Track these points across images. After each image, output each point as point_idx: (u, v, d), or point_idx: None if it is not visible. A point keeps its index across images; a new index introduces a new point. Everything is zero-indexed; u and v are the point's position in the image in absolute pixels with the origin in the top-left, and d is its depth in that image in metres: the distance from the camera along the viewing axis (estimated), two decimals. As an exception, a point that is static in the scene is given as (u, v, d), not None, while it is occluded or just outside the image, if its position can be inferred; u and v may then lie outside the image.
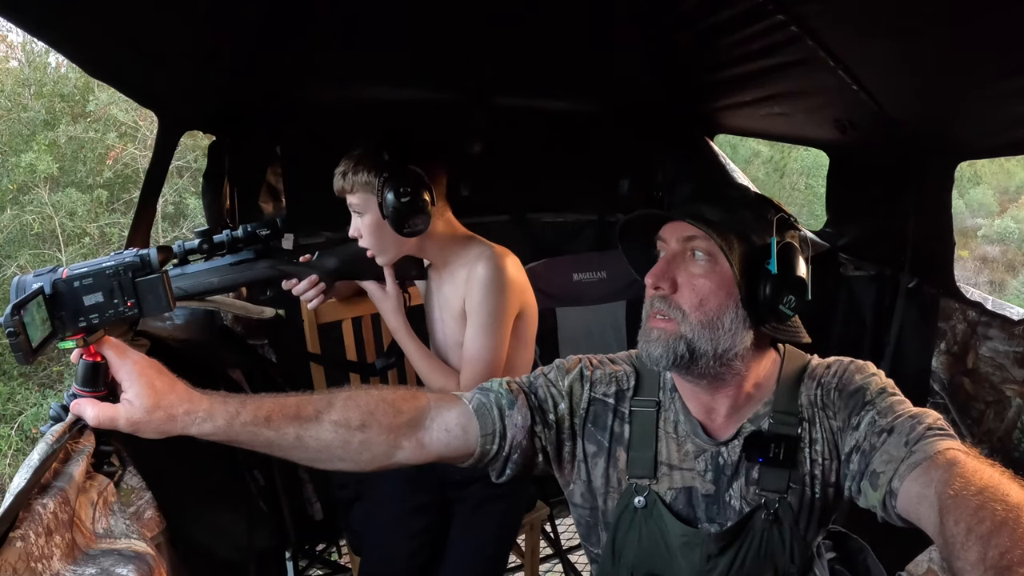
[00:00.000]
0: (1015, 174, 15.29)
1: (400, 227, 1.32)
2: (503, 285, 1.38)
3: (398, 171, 1.31)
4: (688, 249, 0.93)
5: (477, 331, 1.38)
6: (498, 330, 1.39)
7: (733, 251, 0.90)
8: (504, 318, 1.39)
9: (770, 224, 0.91)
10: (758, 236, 0.91)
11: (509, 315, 1.41)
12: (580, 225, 2.37)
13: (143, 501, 0.96)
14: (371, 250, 1.41)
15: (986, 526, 0.65)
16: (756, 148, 12.85)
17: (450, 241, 1.44)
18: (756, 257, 0.90)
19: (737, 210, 0.92)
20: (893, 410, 0.88)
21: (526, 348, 1.49)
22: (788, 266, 0.90)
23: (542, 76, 1.96)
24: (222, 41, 1.49)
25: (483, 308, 1.37)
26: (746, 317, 0.91)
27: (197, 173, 8.89)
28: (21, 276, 0.84)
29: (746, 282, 0.90)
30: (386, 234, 1.36)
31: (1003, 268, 13.32)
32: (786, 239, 0.93)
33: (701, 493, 0.98)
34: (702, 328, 0.91)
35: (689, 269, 0.92)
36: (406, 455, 0.94)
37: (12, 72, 9.22)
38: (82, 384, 0.85)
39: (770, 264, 0.88)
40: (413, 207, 1.30)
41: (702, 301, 0.91)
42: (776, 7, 1.33)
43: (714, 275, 0.91)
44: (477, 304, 1.38)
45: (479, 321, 1.38)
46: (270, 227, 1.35)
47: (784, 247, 0.91)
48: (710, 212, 0.92)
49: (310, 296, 1.44)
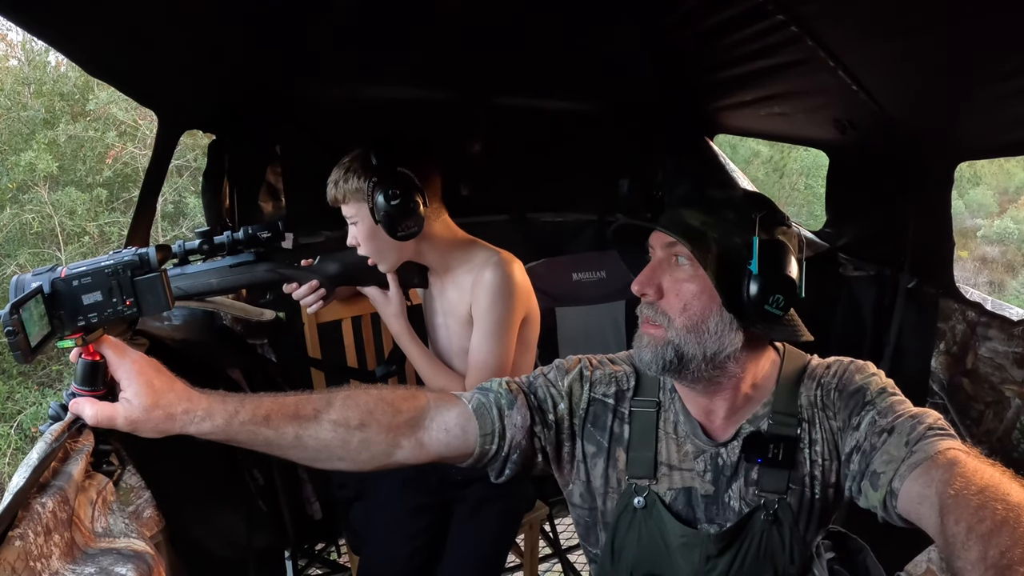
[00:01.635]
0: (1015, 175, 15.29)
1: (394, 231, 1.32)
2: (511, 291, 1.38)
3: (386, 174, 1.30)
4: (671, 255, 0.93)
5: (484, 337, 1.39)
6: (505, 336, 1.39)
7: (709, 255, 0.89)
8: (511, 324, 1.40)
9: (752, 223, 0.89)
10: (740, 236, 0.90)
11: (516, 321, 1.41)
12: (580, 225, 2.36)
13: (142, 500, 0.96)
14: (371, 258, 1.41)
15: (987, 525, 0.65)
16: (756, 148, 12.84)
17: (450, 245, 1.44)
18: (738, 258, 0.89)
19: (719, 211, 0.92)
20: (893, 410, 0.88)
21: (529, 351, 1.50)
22: (773, 265, 0.89)
23: (542, 76, 1.96)
24: (222, 40, 1.49)
25: (491, 315, 1.38)
26: (732, 319, 0.91)
27: (197, 172, 8.88)
28: (20, 275, 0.84)
29: (727, 284, 0.89)
30: (382, 240, 1.35)
31: (1002, 268, 13.33)
32: (775, 237, 0.91)
33: (700, 494, 0.98)
34: (688, 332, 0.91)
35: (674, 275, 0.93)
36: (405, 455, 0.93)
37: (12, 71, 9.21)
38: (81, 383, 0.85)
39: (751, 264, 0.88)
40: (404, 210, 1.30)
41: (686, 306, 0.91)
42: (776, 7, 1.33)
43: (697, 279, 0.91)
44: (485, 310, 1.38)
45: (486, 327, 1.39)
46: (271, 229, 1.35)
47: (769, 245, 0.89)
48: (691, 216, 0.92)
49: (310, 301, 1.43)
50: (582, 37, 1.78)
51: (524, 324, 1.46)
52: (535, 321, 1.50)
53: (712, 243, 0.90)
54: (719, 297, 0.90)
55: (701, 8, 1.56)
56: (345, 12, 1.55)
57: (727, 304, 0.89)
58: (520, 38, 1.75)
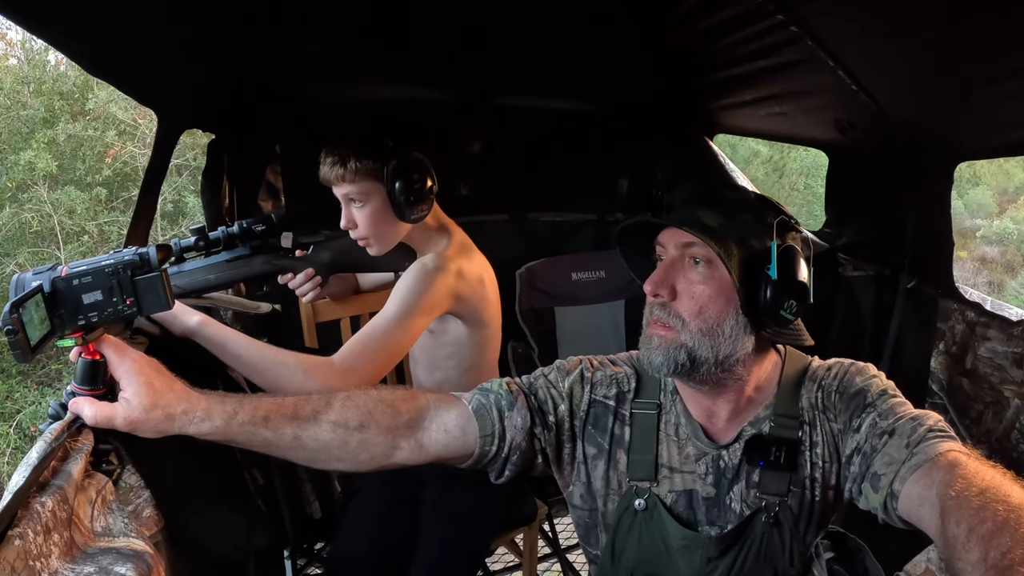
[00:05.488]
0: (1014, 175, 15.29)
1: (407, 215, 1.32)
2: (427, 279, 1.33)
3: (405, 157, 1.30)
4: (687, 256, 0.92)
5: (380, 315, 1.31)
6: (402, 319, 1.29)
7: (732, 257, 0.88)
8: (413, 310, 1.31)
9: (770, 228, 0.89)
10: (758, 240, 0.90)
11: (422, 310, 1.32)
12: (579, 224, 2.37)
13: (142, 500, 0.96)
14: (370, 240, 1.38)
15: (987, 527, 0.65)
16: (756, 148, 12.83)
17: (431, 231, 1.43)
18: (756, 262, 0.89)
19: (736, 214, 0.91)
20: (894, 412, 0.88)
21: (485, 348, 1.48)
22: (789, 270, 0.88)
23: (542, 76, 1.96)
24: (222, 40, 1.49)
25: (397, 292, 1.33)
26: (746, 323, 0.90)
27: (196, 171, 8.87)
28: (20, 274, 0.84)
29: (746, 288, 0.88)
30: (388, 222, 1.35)
31: (1002, 269, 13.33)
32: (787, 242, 0.91)
33: (702, 496, 0.98)
34: (702, 336, 0.90)
35: (688, 276, 0.91)
36: (405, 455, 0.93)
37: (11, 70, 9.20)
38: (81, 382, 0.85)
39: (770, 269, 0.87)
40: (420, 194, 1.31)
41: (701, 309, 0.90)
42: (776, 7, 1.33)
43: (713, 282, 0.90)
44: (397, 287, 1.34)
45: (390, 303, 1.32)
46: (266, 223, 1.36)
47: (785, 251, 0.89)
48: (708, 217, 0.90)
49: (305, 290, 1.44)
50: (582, 36, 1.78)
51: (467, 320, 1.42)
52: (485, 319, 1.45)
53: (733, 246, 0.89)
54: (736, 300, 0.89)
55: (701, 8, 1.56)
56: (345, 12, 1.55)
57: (745, 308, 0.88)
58: (520, 38, 1.75)
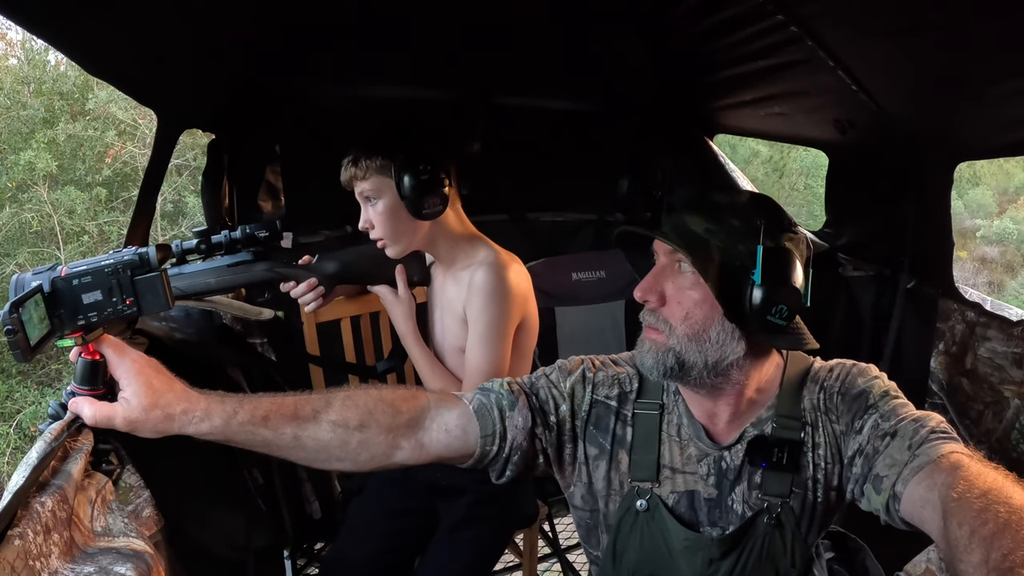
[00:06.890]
0: (1014, 175, 15.30)
1: (419, 209, 1.31)
2: (504, 295, 1.35)
3: (414, 151, 1.30)
4: (674, 261, 0.92)
5: (477, 341, 1.36)
6: (499, 341, 1.36)
7: (711, 265, 0.87)
8: (505, 329, 1.37)
9: (757, 231, 0.87)
10: (745, 244, 0.88)
11: (510, 326, 1.38)
12: (579, 224, 2.36)
13: (141, 499, 0.96)
14: (384, 239, 1.38)
15: (989, 528, 0.65)
16: (756, 148, 12.83)
17: (460, 238, 1.42)
18: (742, 266, 0.87)
19: (723, 218, 0.90)
20: (896, 413, 0.88)
21: (524, 359, 1.46)
22: (777, 274, 0.86)
23: (542, 76, 1.96)
24: (222, 39, 1.49)
25: (483, 318, 1.35)
26: (734, 328, 0.89)
27: (196, 171, 8.87)
28: (20, 274, 0.84)
29: (729, 295, 0.87)
30: (402, 220, 1.34)
31: (1002, 269, 13.33)
32: (781, 243, 0.89)
33: (703, 497, 0.97)
34: (689, 341, 0.90)
35: (676, 282, 0.91)
36: (405, 455, 0.93)
37: (11, 70, 9.20)
38: (80, 382, 0.85)
39: (754, 274, 0.85)
40: (430, 187, 1.30)
41: (688, 314, 0.90)
42: (776, 7, 1.33)
43: (700, 288, 0.89)
44: (477, 313, 1.36)
45: (479, 331, 1.36)
46: (268, 229, 1.34)
47: (774, 253, 0.86)
48: (694, 222, 0.90)
49: (308, 300, 1.42)
50: (582, 36, 1.78)
51: (520, 330, 1.42)
52: (532, 328, 1.46)
53: (715, 252, 0.88)
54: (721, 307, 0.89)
55: (701, 8, 1.56)
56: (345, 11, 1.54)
57: (728, 315, 0.87)
58: (520, 37, 1.75)
